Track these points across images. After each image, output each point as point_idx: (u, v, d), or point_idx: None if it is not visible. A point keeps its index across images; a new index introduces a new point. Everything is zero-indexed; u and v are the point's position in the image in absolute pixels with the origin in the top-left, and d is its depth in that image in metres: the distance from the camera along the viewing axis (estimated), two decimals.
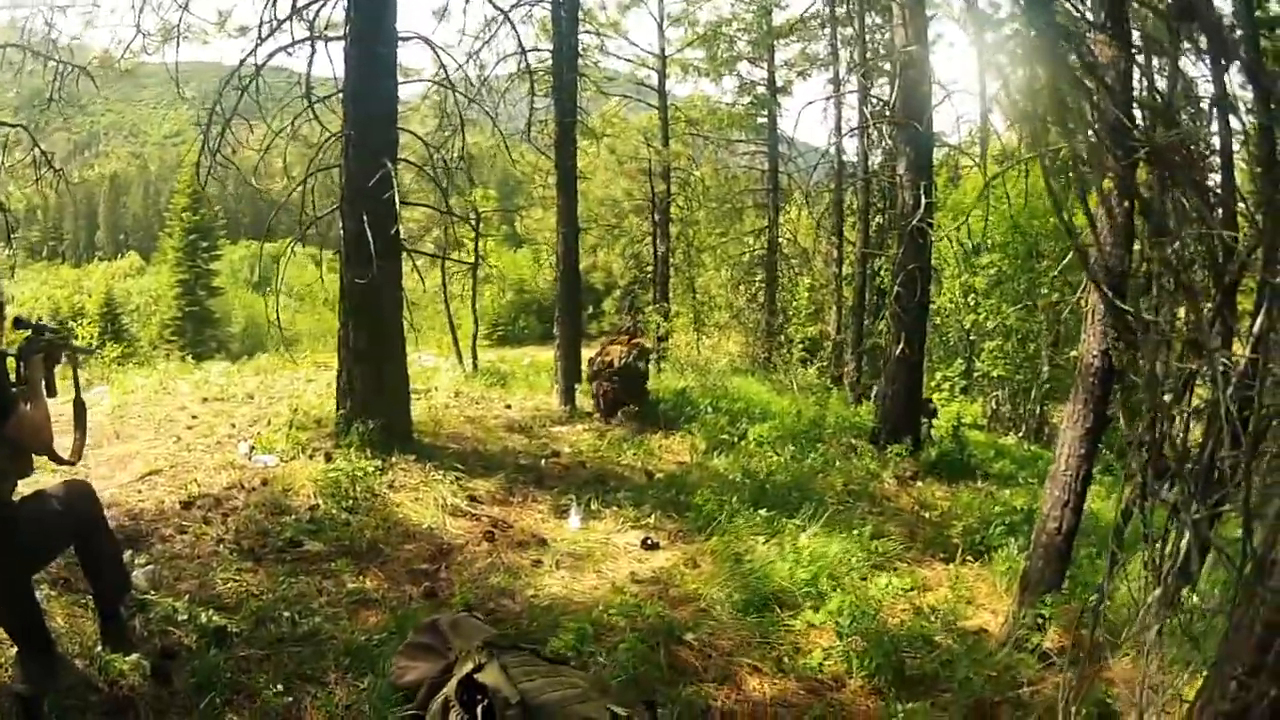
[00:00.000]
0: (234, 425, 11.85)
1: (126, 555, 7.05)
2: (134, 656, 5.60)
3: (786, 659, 6.98)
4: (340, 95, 11.26)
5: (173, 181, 53.00)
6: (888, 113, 20.02)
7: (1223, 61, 4.05)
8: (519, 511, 10.07)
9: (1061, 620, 7.67)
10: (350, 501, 9.23)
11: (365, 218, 10.54)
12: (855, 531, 9.59)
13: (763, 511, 9.98)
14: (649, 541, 9.39)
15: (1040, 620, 7.57)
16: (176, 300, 51.59)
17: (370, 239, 10.44)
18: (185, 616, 6.36)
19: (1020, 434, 22.55)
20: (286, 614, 6.64)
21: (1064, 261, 12.37)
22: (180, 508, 8.67)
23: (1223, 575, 6.52)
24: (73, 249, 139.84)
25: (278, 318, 11.76)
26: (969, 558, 9.94)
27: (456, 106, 13.01)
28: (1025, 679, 6.93)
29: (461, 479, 10.51)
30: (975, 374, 25.00)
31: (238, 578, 7.30)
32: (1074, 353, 7.71)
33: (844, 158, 29.25)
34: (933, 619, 7.93)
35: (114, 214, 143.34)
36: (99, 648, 5.68)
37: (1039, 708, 6.61)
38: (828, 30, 30.46)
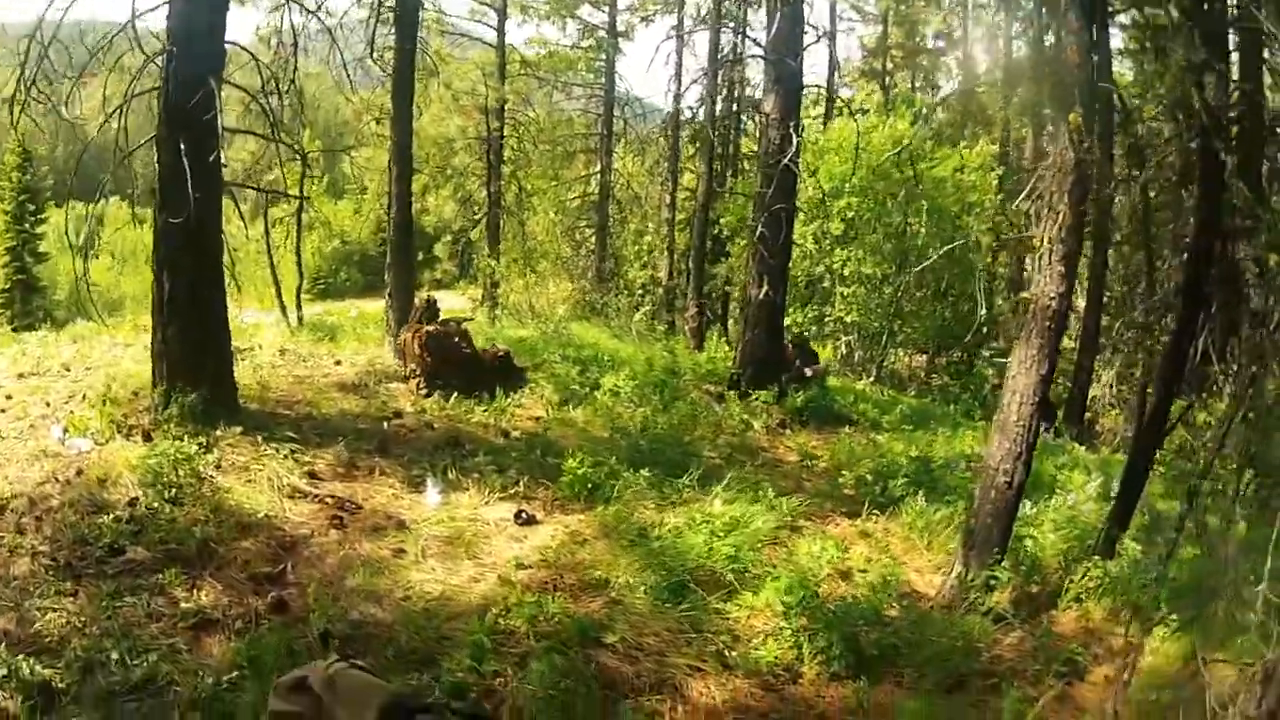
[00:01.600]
0: (49, 404, 10.20)
1: None
2: None
3: (728, 652, 6.24)
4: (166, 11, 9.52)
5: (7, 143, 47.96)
6: (758, 49, 18.95)
7: None
8: (367, 487, 8.73)
9: (1016, 580, 7.45)
10: (174, 491, 7.80)
11: (182, 146, 8.90)
12: (759, 492, 8.81)
13: (645, 473, 9.07)
14: (523, 515, 8.29)
15: (992, 581, 7.32)
16: (4, 269, 47.12)
17: (188, 170, 8.80)
18: (5, 671, 5.26)
19: (872, 379, 22.25)
20: (115, 655, 5.49)
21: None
22: None
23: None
24: None
25: (85, 276, 10.09)
26: (875, 512, 9.44)
27: (292, 26, 11.24)
28: (983, 644, 6.73)
29: (298, 452, 9.08)
30: (826, 319, 24.55)
31: (57, 605, 6.12)
32: (1024, 294, 7.53)
33: (681, 104, 28.49)
34: (872, 588, 7.31)
35: None
36: None
37: (1006, 673, 6.44)
38: None
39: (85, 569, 6.60)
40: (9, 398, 10.46)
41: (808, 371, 14.97)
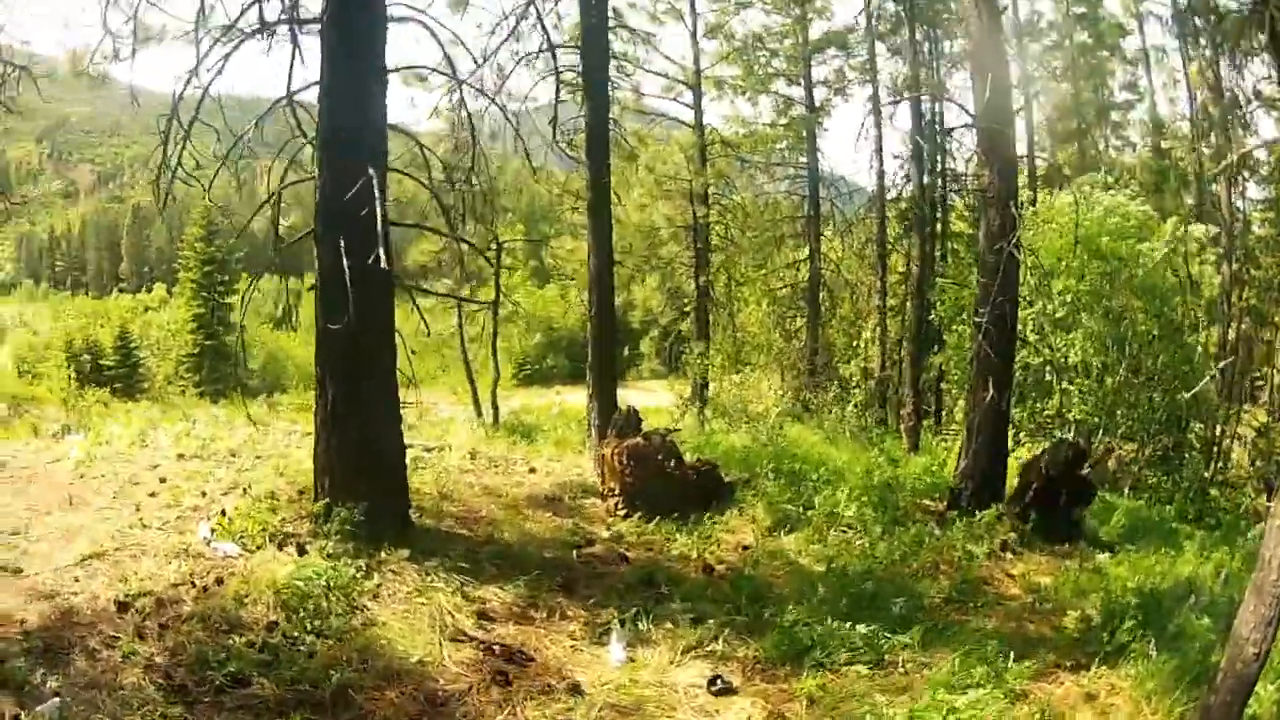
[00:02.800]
0: (204, 494, 9.85)
1: (38, 675, 5.84)
2: None
3: None
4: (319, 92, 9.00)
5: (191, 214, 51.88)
6: (967, 117, 17.46)
7: None
8: (543, 634, 7.70)
9: None
10: (320, 620, 7.05)
11: (341, 242, 8.28)
12: (992, 667, 7.49)
13: (861, 628, 7.89)
14: (719, 683, 7.04)
15: None
16: (193, 335, 50.16)
17: (347, 270, 8.16)
18: None
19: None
20: None
21: None
22: (115, 609, 6.93)
23: None
24: (96, 281, 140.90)
25: (243, 360, 9.58)
26: (1103, 667, 7.98)
27: (466, 110, 10.49)
28: None
29: (468, 584, 8.21)
30: (1044, 414, 22.59)
31: None
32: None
33: (885, 181, 27.31)
34: None
35: (137, 246, 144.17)
36: None
37: None
38: (866, 44, 28.50)
39: (201, 694, 5.98)
40: (163, 481, 10.22)
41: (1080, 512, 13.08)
